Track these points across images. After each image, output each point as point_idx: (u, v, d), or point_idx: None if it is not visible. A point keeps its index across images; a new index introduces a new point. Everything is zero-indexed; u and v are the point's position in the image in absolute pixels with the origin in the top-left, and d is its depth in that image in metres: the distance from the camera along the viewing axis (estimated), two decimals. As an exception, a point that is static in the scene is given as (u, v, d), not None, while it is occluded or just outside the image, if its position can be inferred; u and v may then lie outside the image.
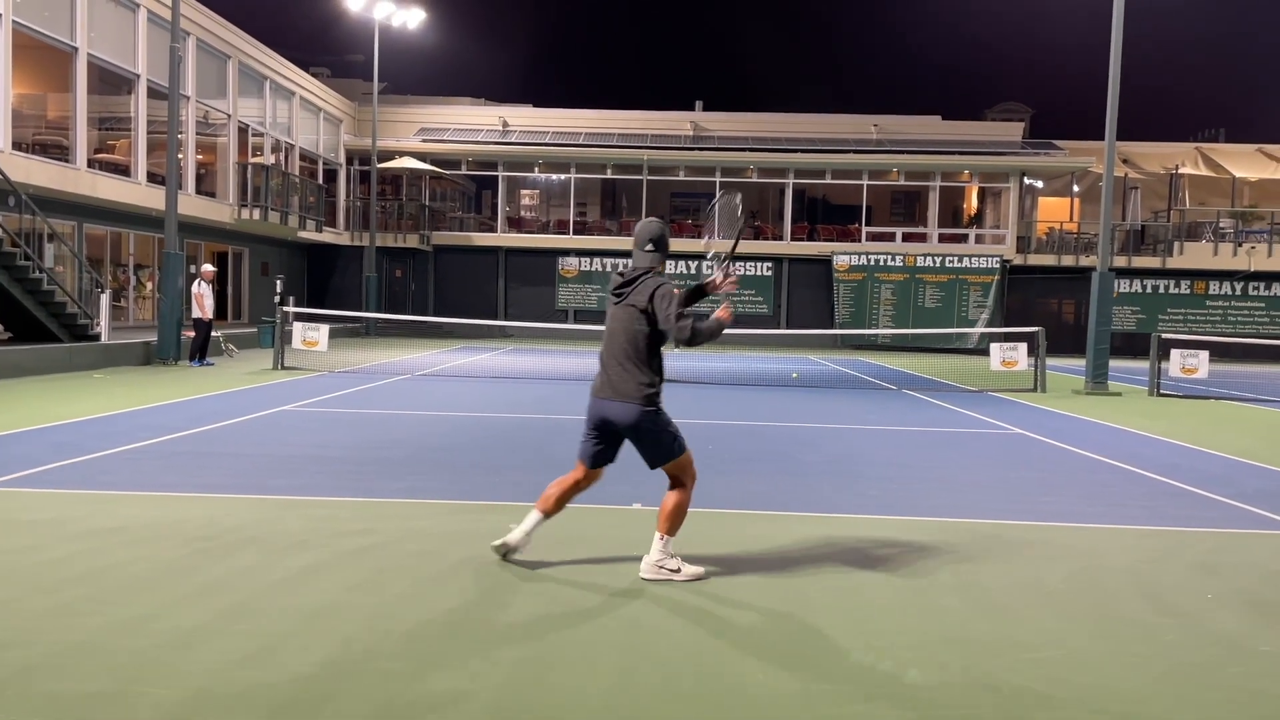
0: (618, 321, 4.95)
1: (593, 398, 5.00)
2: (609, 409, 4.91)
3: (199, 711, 3.31)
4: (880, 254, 32.22)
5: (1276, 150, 34.50)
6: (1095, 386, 17.04)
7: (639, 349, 4.88)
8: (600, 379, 4.99)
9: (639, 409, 4.85)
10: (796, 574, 5.15)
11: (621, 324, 4.92)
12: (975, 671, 3.86)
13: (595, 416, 5.00)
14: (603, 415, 4.95)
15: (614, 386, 4.89)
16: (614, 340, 4.95)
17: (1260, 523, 6.85)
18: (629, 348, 4.88)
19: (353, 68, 43.91)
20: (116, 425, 9.81)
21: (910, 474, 8.42)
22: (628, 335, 4.89)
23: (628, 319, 4.89)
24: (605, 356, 4.99)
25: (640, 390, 4.86)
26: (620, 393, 4.87)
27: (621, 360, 4.89)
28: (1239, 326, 31.93)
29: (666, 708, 3.46)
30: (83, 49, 18.79)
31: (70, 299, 17.10)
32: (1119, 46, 17.12)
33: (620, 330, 4.92)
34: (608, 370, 4.94)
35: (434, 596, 4.62)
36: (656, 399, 4.93)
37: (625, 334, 4.90)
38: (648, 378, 4.89)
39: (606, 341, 5.00)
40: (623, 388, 4.87)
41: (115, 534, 5.56)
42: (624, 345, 4.90)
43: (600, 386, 4.97)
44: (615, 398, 4.88)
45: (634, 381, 4.86)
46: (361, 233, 32.69)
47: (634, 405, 4.85)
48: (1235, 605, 4.84)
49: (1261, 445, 10.90)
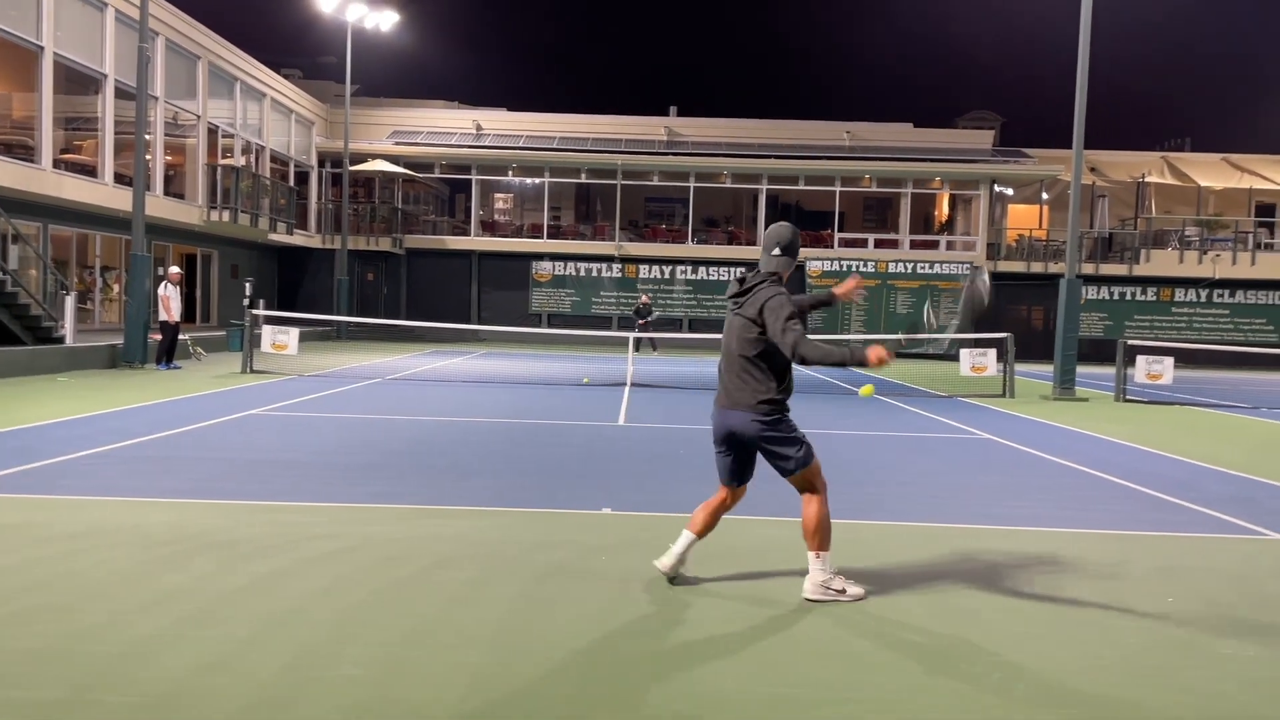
0: (732, 331, 4.86)
1: (715, 409, 4.92)
2: (730, 419, 4.82)
3: (159, 718, 3.26)
4: (852, 260, 32.41)
5: (1241, 160, 35.05)
6: (1063, 392, 17.21)
7: (752, 359, 4.75)
8: (719, 389, 4.91)
9: (755, 418, 4.74)
10: (763, 579, 5.16)
11: (736, 333, 4.83)
12: (939, 675, 3.88)
13: (719, 429, 4.91)
14: (726, 427, 4.85)
15: (731, 396, 4.81)
16: (728, 350, 4.86)
17: (1222, 527, 6.94)
18: (742, 359, 4.78)
19: (325, 69, 43.70)
20: (79, 430, 9.68)
21: (878, 479, 8.46)
22: (740, 345, 4.79)
23: (741, 329, 4.80)
24: (723, 366, 4.90)
25: (755, 398, 4.74)
26: (737, 403, 4.78)
27: (737, 371, 4.80)
28: (1204, 333, 32.39)
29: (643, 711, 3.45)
30: (49, 48, 18.55)
31: (34, 301, 16.86)
32: (1086, 57, 17.33)
33: (734, 340, 4.83)
34: (725, 380, 4.87)
35: (400, 602, 4.58)
36: (778, 408, 4.79)
37: (739, 344, 4.80)
38: (764, 386, 4.75)
39: (723, 351, 4.91)
40: (739, 397, 4.77)
41: (75, 540, 5.48)
42: (737, 356, 4.80)
43: (720, 396, 4.90)
44: (733, 408, 4.80)
45: (749, 391, 4.74)
46: (333, 235, 32.47)
47: (749, 414, 4.74)
48: (1196, 609, 4.90)
49: (1224, 451, 11.05)
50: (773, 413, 4.75)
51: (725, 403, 4.83)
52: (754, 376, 4.76)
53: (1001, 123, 46.07)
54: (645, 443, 10.21)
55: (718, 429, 4.90)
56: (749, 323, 4.74)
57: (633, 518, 6.58)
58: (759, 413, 4.72)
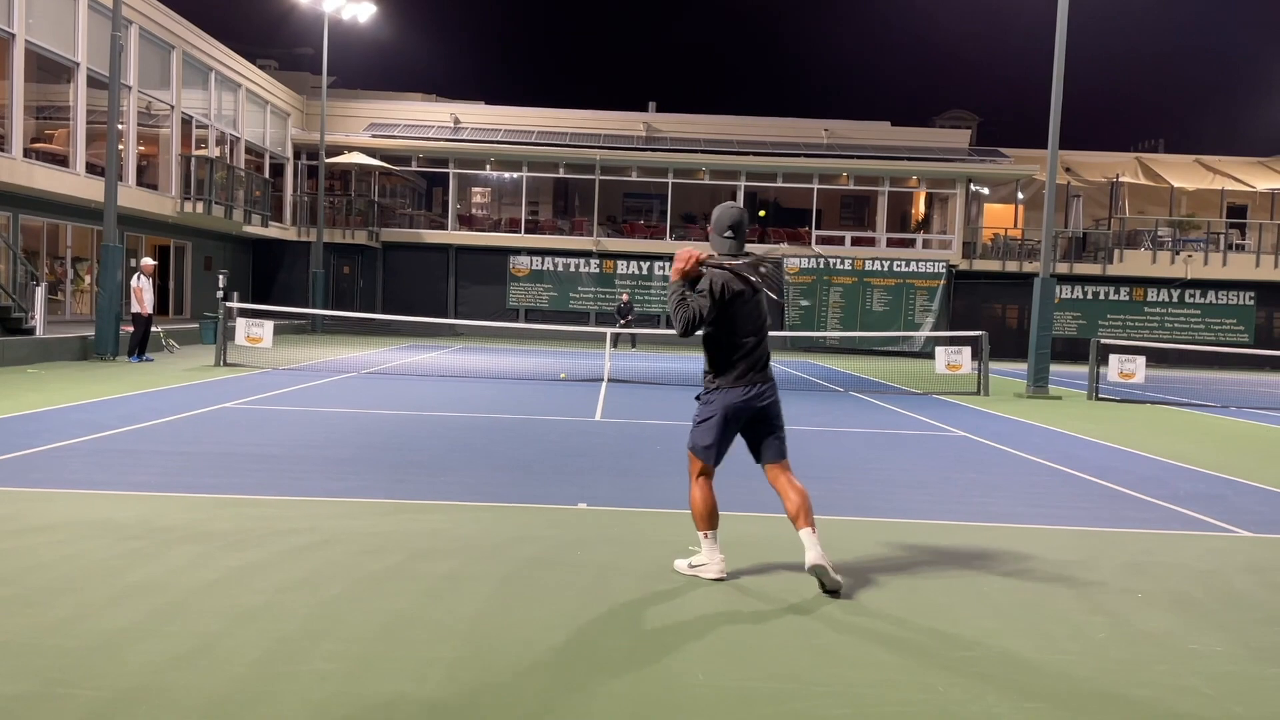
0: (763, 309, 5.09)
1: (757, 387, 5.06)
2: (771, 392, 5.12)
3: (128, 712, 3.23)
4: (830, 257, 32.54)
5: (1213, 161, 35.46)
6: (1036, 390, 17.37)
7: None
8: (759, 369, 5.06)
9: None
10: (737, 574, 5.17)
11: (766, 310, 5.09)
12: (910, 670, 3.91)
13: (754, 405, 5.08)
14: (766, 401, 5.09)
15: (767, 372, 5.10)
16: (761, 328, 5.08)
17: (1190, 524, 7.03)
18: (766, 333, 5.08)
19: (301, 61, 43.37)
20: (48, 421, 9.57)
21: (853, 475, 8.51)
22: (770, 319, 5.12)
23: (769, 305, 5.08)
24: (753, 344, 5.04)
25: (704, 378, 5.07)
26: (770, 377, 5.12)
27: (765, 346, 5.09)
28: (1175, 333, 32.77)
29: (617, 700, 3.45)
30: (20, 35, 18.29)
31: (4, 291, 16.66)
32: (1062, 58, 17.47)
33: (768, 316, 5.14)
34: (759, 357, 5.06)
35: (373, 597, 4.56)
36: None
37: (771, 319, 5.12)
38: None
39: (754, 331, 5.03)
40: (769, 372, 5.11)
41: (43, 533, 5.42)
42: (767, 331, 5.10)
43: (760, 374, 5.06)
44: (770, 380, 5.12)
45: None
46: (309, 228, 32.25)
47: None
48: (1164, 604, 4.96)
49: (1194, 449, 11.18)
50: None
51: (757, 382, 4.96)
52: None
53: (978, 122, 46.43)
54: (621, 438, 10.21)
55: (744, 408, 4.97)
56: (773, 292, 5.05)
57: (608, 513, 6.58)
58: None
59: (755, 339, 4.96)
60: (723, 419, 4.96)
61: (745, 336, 4.93)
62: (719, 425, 4.97)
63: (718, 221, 5.02)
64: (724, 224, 5.00)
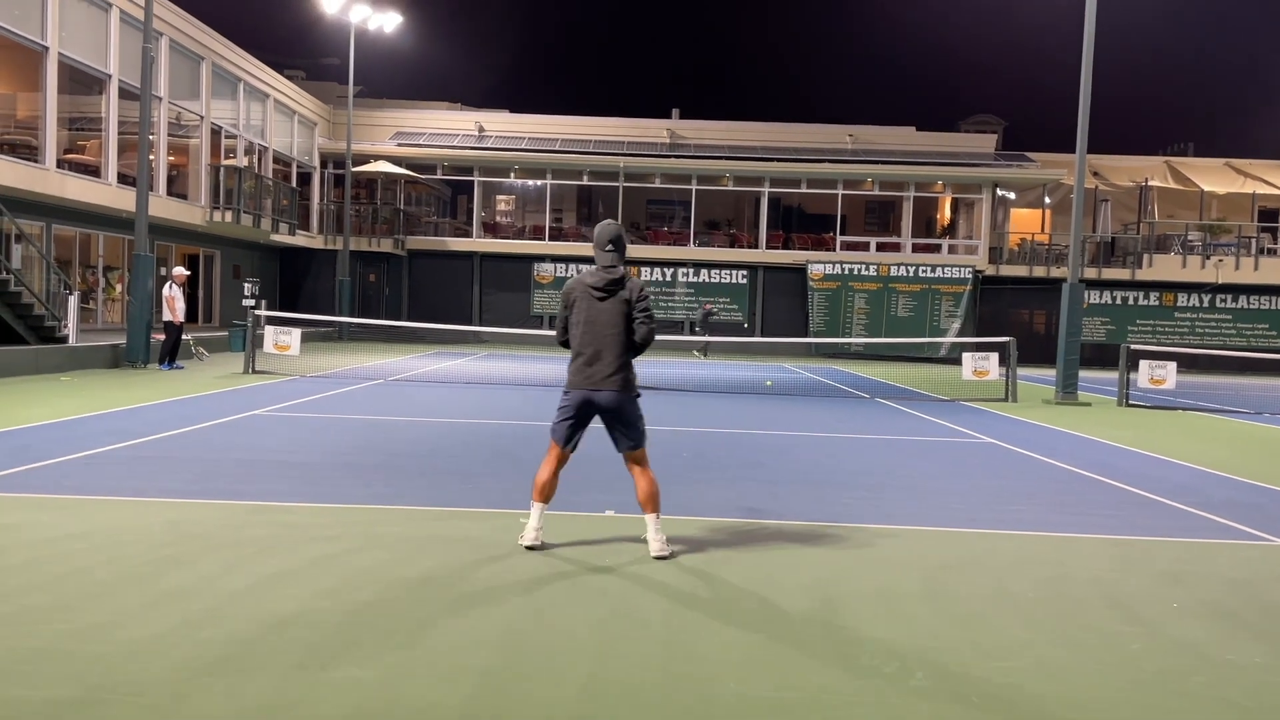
0: (607, 314, 5.51)
1: (584, 389, 5.52)
2: (602, 396, 5.52)
3: (163, 719, 3.26)
4: (854, 263, 32.40)
5: (1244, 164, 35.03)
6: (1065, 396, 17.20)
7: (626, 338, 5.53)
8: (588, 369, 5.51)
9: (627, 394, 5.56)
10: (765, 582, 5.15)
11: (612, 315, 5.51)
12: (943, 681, 3.88)
13: (590, 403, 5.54)
14: (599, 401, 5.53)
15: (605, 376, 5.51)
16: (606, 330, 5.51)
17: (1225, 532, 6.93)
18: (620, 337, 5.50)
19: (328, 71, 43.81)
20: (82, 429, 9.68)
21: (881, 482, 8.46)
22: (623, 324, 5.53)
23: (621, 312, 5.51)
24: (595, 347, 5.51)
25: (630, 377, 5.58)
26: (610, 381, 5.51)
27: (619, 349, 5.53)
28: (1206, 338, 32.38)
29: (642, 714, 3.45)
30: (54, 48, 18.57)
31: (37, 300, 16.88)
32: (1090, 62, 17.33)
33: (615, 319, 5.52)
34: (600, 359, 5.50)
35: (403, 604, 4.58)
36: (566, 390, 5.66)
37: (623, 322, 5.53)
38: (629, 363, 5.60)
39: (595, 332, 5.51)
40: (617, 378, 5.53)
41: (78, 539, 5.48)
42: (619, 334, 5.52)
43: (589, 376, 5.51)
44: (606, 386, 5.50)
45: (628, 370, 5.57)
46: (335, 236, 32.49)
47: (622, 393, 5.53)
48: (1200, 614, 4.90)
49: (1227, 455, 11.04)
50: (634, 383, 5.63)
51: (590, 382, 5.49)
52: (627, 353, 5.52)
53: (1004, 126, 46.15)
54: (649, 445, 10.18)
55: (582, 399, 5.53)
56: (627, 305, 5.49)
57: (637, 520, 6.57)
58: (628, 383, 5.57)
59: (594, 347, 5.47)
60: (572, 410, 5.59)
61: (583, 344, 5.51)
62: (568, 415, 5.62)
63: (598, 238, 5.56)
64: (604, 239, 5.54)
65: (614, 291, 5.48)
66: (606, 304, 5.48)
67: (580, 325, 5.52)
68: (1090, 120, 17.52)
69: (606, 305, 5.48)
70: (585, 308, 5.51)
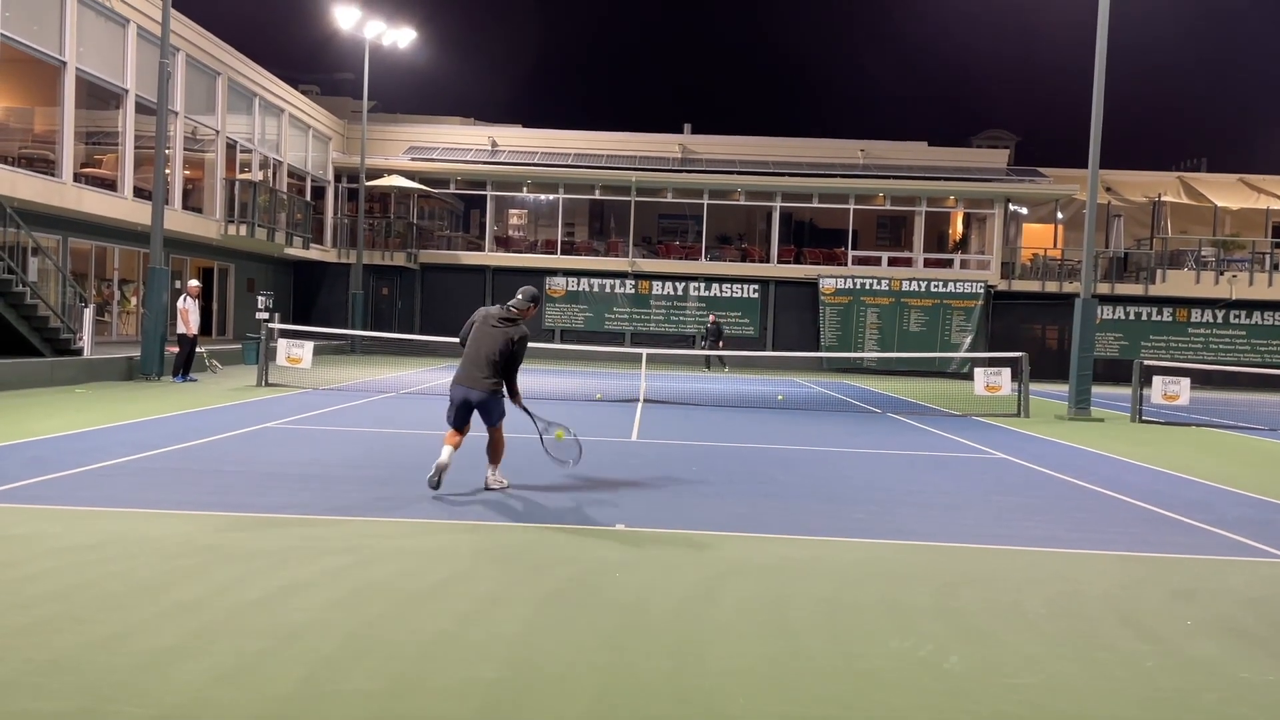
0: (491, 339, 7.59)
1: (460, 385, 7.61)
2: (472, 394, 7.58)
3: (173, 731, 3.27)
4: (866, 278, 32.38)
5: (1258, 180, 34.90)
6: (1078, 412, 17.13)
7: (499, 363, 7.63)
8: (465, 373, 7.60)
9: (493, 393, 7.65)
10: (777, 597, 5.15)
11: (496, 342, 7.59)
12: (955, 698, 3.86)
13: (462, 396, 7.60)
14: (468, 396, 7.58)
15: (474, 379, 7.59)
16: (485, 350, 7.62)
17: (1239, 549, 6.89)
18: (494, 362, 7.59)
19: (342, 85, 44.10)
20: (95, 441, 9.74)
21: (893, 497, 8.43)
22: (499, 352, 7.61)
23: (502, 341, 7.59)
24: (473, 359, 7.60)
25: (495, 384, 7.66)
26: (478, 383, 7.60)
27: (488, 365, 7.60)
28: (1220, 354, 32.20)
29: (645, 730, 3.45)
30: (71, 63, 18.76)
31: (53, 313, 16.99)
32: (1102, 76, 17.33)
33: (494, 345, 7.61)
34: (473, 368, 7.59)
35: (413, 616, 4.59)
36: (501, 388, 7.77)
37: (499, 349, 7.62)
38: (500, 378, 7.69)
39: (478, 349, 7.61)
40: (484, 383, 7.60)
41: (91, 551, 5.51)
42: (493, 358, 7.59)
43: (464, 378, 7.61)
44: (475, 386, 7.57)
45: (494, 380, 7.62)
46: (348, 250, 32.65)
47: (488, 392, 7.62)
48: (1214, 632, 4.86)
49: (1242, 472, 10.97)
50: (500, 390, 7.66)
51: (469, 382, 7.57)
52: (498, 372, 7.59)
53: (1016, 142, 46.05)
54: (659, 459, 10.21)
55: (461, 396, 7.61)
56: (509, 341, 7.56)
57: (647, 534, 6.57)
58: (495, 390, 7.62)
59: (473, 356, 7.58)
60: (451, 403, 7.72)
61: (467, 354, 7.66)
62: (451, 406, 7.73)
63: (522, 291, 8.03)
64: (529, 295, 8.01)
65: (504, 327, 7.58)
66: (496, 331, 7.54)
67: (472, 340, 7.61)
68: (1103, 135, 17.50)
69: (495, 332, 7.54)
70: (480, 328, 7.65)
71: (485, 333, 7.56)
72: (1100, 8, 17.35)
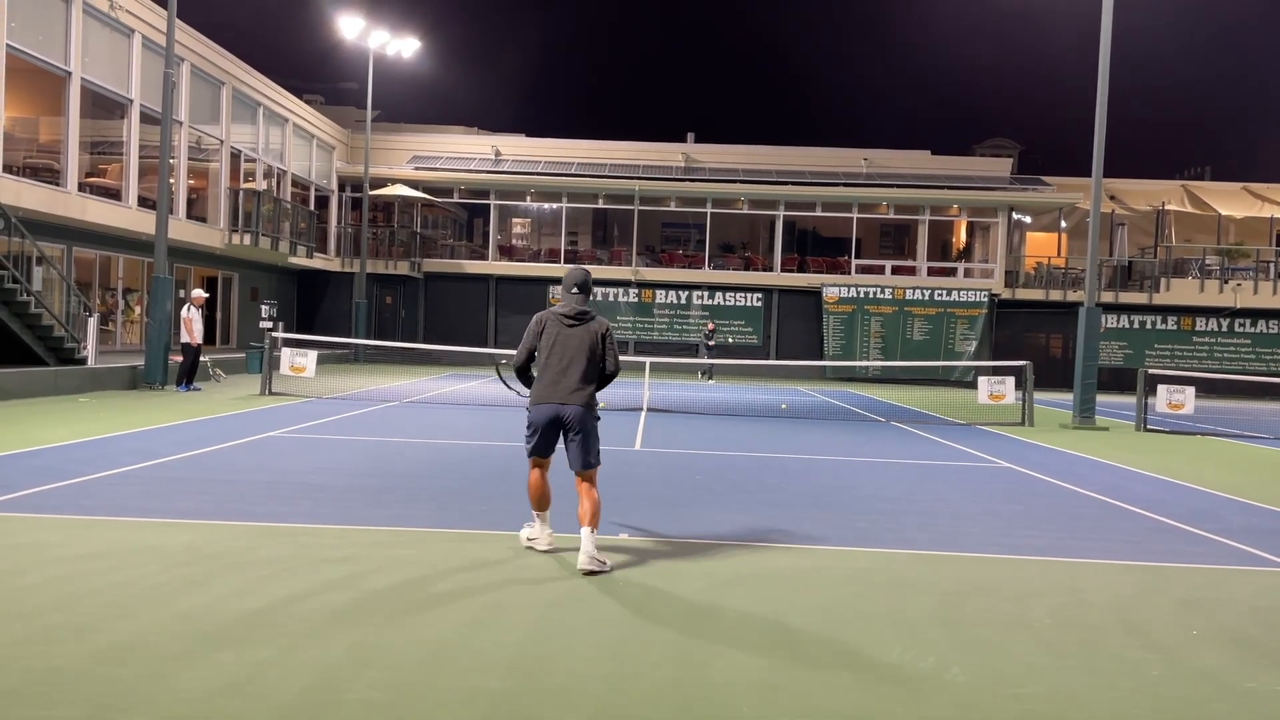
0: (579, 342, 6.00)
1: (549, 403, 5.96)
2: (567, 410, 5.94)
3: (176, 741, 3.27)
4: (869, 286, 32.37)
5: (1262, 189, 34.89)
6: (1082, 421, 17.10)
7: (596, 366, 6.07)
8: (554, 387, 5.96)
9: (590, 409, 6.01)
10: (779, 606, 5.13)
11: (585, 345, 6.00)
12: (960, 709, 3.85)
13: (553, 415, 5.96)
14: (563, 414, 5.95)
15: (570, 392, 5.95)
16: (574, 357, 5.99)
17: (1245, 559, 6.86)
18: (589, 366, 6.00)
19: (346, 95, 44.19)
20: (100, 450, 9.75)
21: (897, 506, 8.42)
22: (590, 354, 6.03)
23: (591, 344, 6.02)
24: (562, 368, 5.98)
25: (592, 397, 6.03)
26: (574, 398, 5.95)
27: (583, 373, 5.99)
28: (1225, 363, 32.14)
29: (649, 741, 3.43)
30: (76, 73, 18.83)
31: (57, 322, 17.03)
32: (1106, 85, 17.34)
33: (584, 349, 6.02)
34: (567, 379, 5.96)
35: (417, 625, 4.58)
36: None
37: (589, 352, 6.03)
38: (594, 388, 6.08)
39: (566, 357, 5.98)
40: (580, 395, 5.95)
41: (95, 560, 5.51)
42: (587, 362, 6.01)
43: (554, 392, 5.96)
44: (569, 402, 5.94)
45: (589, 390, 6.00)
46: (352, 259, 32.70)
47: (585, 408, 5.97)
48: (1220, 641, 4.84)
49: (1247, 481, 10.93)
50: (595, 404, 6.06)
51: (557, 396, 5.93)
52: (591, 379, 6.01)
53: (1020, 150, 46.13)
54: (662, 468, 10.20)
55: (550, 414, 5.95)
56: (597, 336, 6.02)
57: (650, 542, 6.56)
58: (591, 404, 6.00)
59: (563, 365, 5.95)
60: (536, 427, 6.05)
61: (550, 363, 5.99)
62: (535, 431, 6.07)
63: (566, 281, 6.16)
64: (571, 283, 6.13)
65: (583, 320, 6.03)
66: (576, 330, 5.99)
67: (549, 348, 5.98)
68: (1106, 144, 17.51)
69: (576, 331, 5.99)
70: (555, 332, 6.00)
71: (563, 336, 5.97)
72: (1104, 16, 17.38)
